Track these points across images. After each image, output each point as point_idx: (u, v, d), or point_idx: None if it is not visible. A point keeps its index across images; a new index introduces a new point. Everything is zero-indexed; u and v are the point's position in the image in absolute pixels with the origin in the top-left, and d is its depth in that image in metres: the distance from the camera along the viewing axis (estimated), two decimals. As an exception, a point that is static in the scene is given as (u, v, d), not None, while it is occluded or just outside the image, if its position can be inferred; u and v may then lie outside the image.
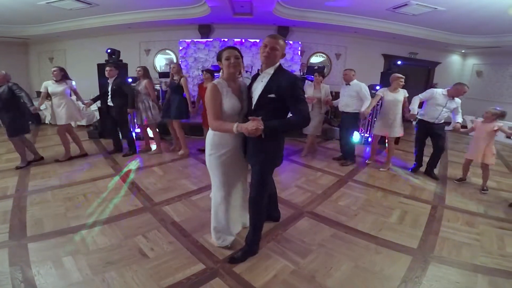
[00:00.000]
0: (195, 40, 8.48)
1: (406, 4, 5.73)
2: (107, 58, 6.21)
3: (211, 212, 2.41)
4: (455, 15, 6.13)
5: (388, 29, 7.40)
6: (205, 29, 8.51)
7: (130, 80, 6.02)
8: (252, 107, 2.08)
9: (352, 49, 9.11)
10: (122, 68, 6.25)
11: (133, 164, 4.71)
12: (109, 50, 6.08)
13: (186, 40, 8.46)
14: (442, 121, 4.44)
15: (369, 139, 6.58)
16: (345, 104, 4.87)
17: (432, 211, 3.38)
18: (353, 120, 4.91)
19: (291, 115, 2.02)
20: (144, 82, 4.86)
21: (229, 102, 2.05)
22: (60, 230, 2.69)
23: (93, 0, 6.13)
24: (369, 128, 6.74)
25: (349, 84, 4.81)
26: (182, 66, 8.47)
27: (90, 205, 3.23)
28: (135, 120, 5.55)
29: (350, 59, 9.06)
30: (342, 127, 5.11)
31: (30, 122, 4.86)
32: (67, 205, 3.22)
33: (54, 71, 4.51)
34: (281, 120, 1.97)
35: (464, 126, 4.73)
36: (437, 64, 9.68)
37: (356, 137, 5.62)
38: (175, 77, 4.83)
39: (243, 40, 8.21)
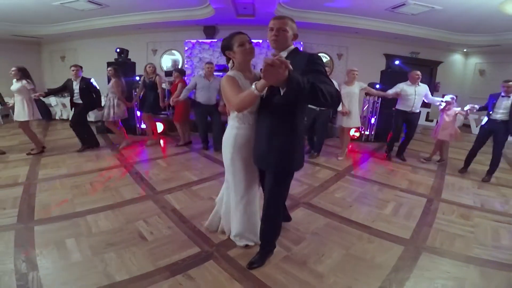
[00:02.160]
0: (200, 40, 8.51)
1: (404, 4, 5.66)
2: (116, 57, 6.31)
3: (235, 218, 2.20)
4: (452, 14, 6.04)
5: (389, 29, 7.31)
6: (210, 30, 8.52)
7: (137, 78, 6.13)
8: (263, 94, 1.65)
9: (353, 49, 9.01)
10: (129, 66, 6.37)
11: (138, 157, 4.78)
12: (118, 50, 6.17)
13: (192, 41, 8.48)
14: (418, 111, 4.84)
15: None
16: None
17: (427, 204, 3.33)
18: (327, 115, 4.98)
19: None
20: (112, 81, 4.95)
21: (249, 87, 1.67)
22: (66, 214, 2.74)
23: (104, 1, 6.20)
24: (369, 126, 6.70)
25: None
26: (187, 66, 8.66)
27: (95, 193, 3.29)
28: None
29: (352, 59, 8.96)
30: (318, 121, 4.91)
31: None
32: (74, 192, 3.28)
33: (12, 70, 4.51)
34: (309, 78, 1.32)
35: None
36: (439, 64, 9.50)
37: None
38: (151, 76, 5.22)
39: (248, 41, 8.19)
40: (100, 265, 2.00)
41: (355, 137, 6.48)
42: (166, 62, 9.34)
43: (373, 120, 6.58)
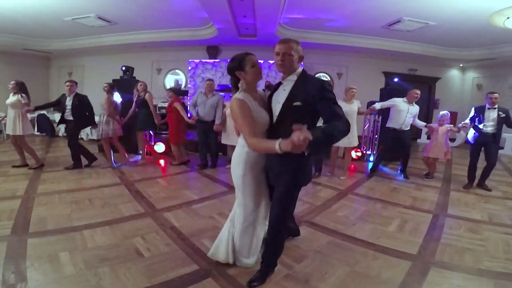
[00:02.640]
0: (203, 60, 8.67)
1: (399, 21, 5.82)
2: (121, 75, 6.42)
3: (238, 237, 2.08)
4: (446, 29, 6.17)
5: (386, 47, 7.47)
6: (213, 50, 8.73)
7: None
8: (274, 120, 1.82)
9: (353, 68, 9.15)
10: (134, 84, 6.42)
11: (139, 175, 4.71)
12: (123, 68, 6.29)
13: (195, 60, 8.64)
14: (408, 128, 4.78)
15: (371, 156, 6.50)
16: None
17: (433, 220, 3.22)
18: None
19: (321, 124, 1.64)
20: (104, 97, 4.88)
21: (259, 116, 1.79)
22: (62, 228, 2.66)
23: (113, 18, 6.41)
24: (371, 145, 6.64)
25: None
26: (190, 85, 8.73)
27: (94, 209, 3.21)
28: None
29: (352, 78, 9.07)
30: None
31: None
32: (72, 207, 3.20)
33: (11, 84, 4.55)
34: (324, 129, 1.52)
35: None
36: (437, 80, 9.56)
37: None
38: (141, 94, 5.16)
39: (249, 61, 8.32)
40: (93, 279, 1.90)
41: (358, 157, 6.41)
42: (169, 81, 9.50)
43: (375, 138, 6.54)
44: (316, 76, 1.89)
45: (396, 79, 6.57)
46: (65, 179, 4.30)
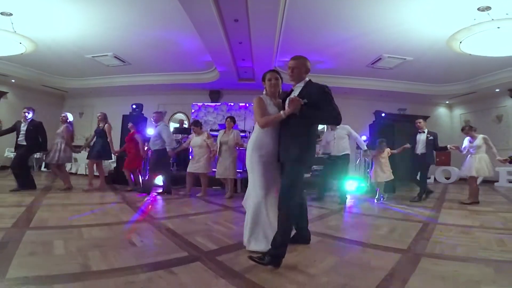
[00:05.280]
0: (206, 104, 8.93)
1: (380, 58, 6.23)
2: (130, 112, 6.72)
3: (249, 217, 2.11)
4: (423, 64, 6.49)
5: (374, 86, 7.83)
6: (215, 94, 9.15)
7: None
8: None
9: (344, 110, 9.25)
10: (142, 120, 6.62)
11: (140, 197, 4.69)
12: (134, 105, 6.64)
13: (198, 104, 8.92)
14: (341, 154, 4.66)
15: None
16: None
17: (423, 227, 3.07)
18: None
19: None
20: (63, 127, 4.98)
21: (272, 110, 2.16)
22: (62, 225, 2.60)
23: (128, 58, 6.94)
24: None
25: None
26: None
27: (95, 216, 3.17)
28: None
29: (345, 119, 9.15)
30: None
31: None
32: (74, 214, 3.14)
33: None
34: (318, 109, 2.00)
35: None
36: (426, 118, 9.68)
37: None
38: (100, 124, 5.27)
39: (247, 104, 8.47)
40: (81, 259, 1.79)
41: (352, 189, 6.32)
42: (174, 123, 9.59)
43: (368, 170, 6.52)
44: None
45: (383, 114, 6.82)
46: (69, 197, 4.32)
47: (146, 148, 5.47)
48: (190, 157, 5.75)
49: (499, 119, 8.50)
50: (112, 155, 5.46)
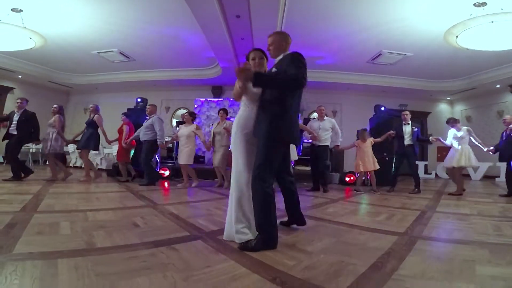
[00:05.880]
0: (209, 99, 8.94)
1: (380, 54, 6.18)
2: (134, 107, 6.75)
3: (233, 206, 1.92)
4: (423, 60, 6.43)
5: (375, 82, 7.77)
6: (217, 90, 9.17)
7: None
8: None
9: (346, 106, 9.25)
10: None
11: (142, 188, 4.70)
12: (139, 99, 6.68)
13: (201, 99, 8.94)
14: (324, 144, 4.74)
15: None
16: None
17: (421, 214, 3.06)
18: None
19: None
20: (55, 117, 4.99)
21: (256, 89, 2.00)
22: (68, 210, 2.64)
23: (132, 54, 6.97)
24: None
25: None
26: (195, 122, 8.95)
27: (100, 202, 3.21)
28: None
29: (346, 115, 9.15)
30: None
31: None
32: (79, 201, 3.19)
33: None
34: (272, 73, 1.93)
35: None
36: (428, 114, 9.55)
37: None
38: (91, 115, 5.27)
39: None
40: (86, 237, 1.83)
41: (352, 181, 6.32)
42: (177, 119, 9.68)
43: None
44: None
45: (383, 108, 6.79)
46: (74, 187, 4.37)
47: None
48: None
49: (500, 114, 8.40)
50: (102, 146, 5.66)
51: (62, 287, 1.19)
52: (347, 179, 6.15)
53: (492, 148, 4.74)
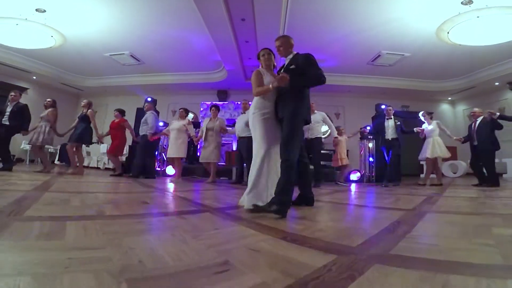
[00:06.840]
0: (214, 102, 8.99)
1: (379, 55, 6.15)
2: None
3: (251, 178, 2.08)
4: (420, 60, 6.37)
5: (376, 84, 7.71)
6: (222, 94, 9.19)
7: (161, 124, 6.51)
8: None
9: (349, 108, 9.09)
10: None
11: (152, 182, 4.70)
12: (149, 98, 6.69)
13: (207, 102, 8.93)
14: (315, 137, 4.71)
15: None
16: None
17: (427, 198, 2.95)
18: None
19: None
20: (48, 110, 4.92)
21: (269, 79, 2.25)
22: (79, 191, 2.62)
23: (142, 58, 7.04)
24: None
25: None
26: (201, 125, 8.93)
27: (109, 188, 3.19)
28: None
29: (349, 117, 9.02)
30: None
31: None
32: (90, 186, 3.14)
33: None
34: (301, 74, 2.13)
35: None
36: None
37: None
38: (84, 110, 5.14)
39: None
40: (96, 208, 1.78)
41: (357, 179, 6.23)
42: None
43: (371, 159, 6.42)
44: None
45: (383, 106, 6.71)
46: (82, 178, 4.32)
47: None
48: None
49: (502, 111, 8.25)
50: (100, 142, 5.63)
51: (69, 240, 1.13)
52: (354, 176, 6.07)
53: (461, 138, 5.01)
